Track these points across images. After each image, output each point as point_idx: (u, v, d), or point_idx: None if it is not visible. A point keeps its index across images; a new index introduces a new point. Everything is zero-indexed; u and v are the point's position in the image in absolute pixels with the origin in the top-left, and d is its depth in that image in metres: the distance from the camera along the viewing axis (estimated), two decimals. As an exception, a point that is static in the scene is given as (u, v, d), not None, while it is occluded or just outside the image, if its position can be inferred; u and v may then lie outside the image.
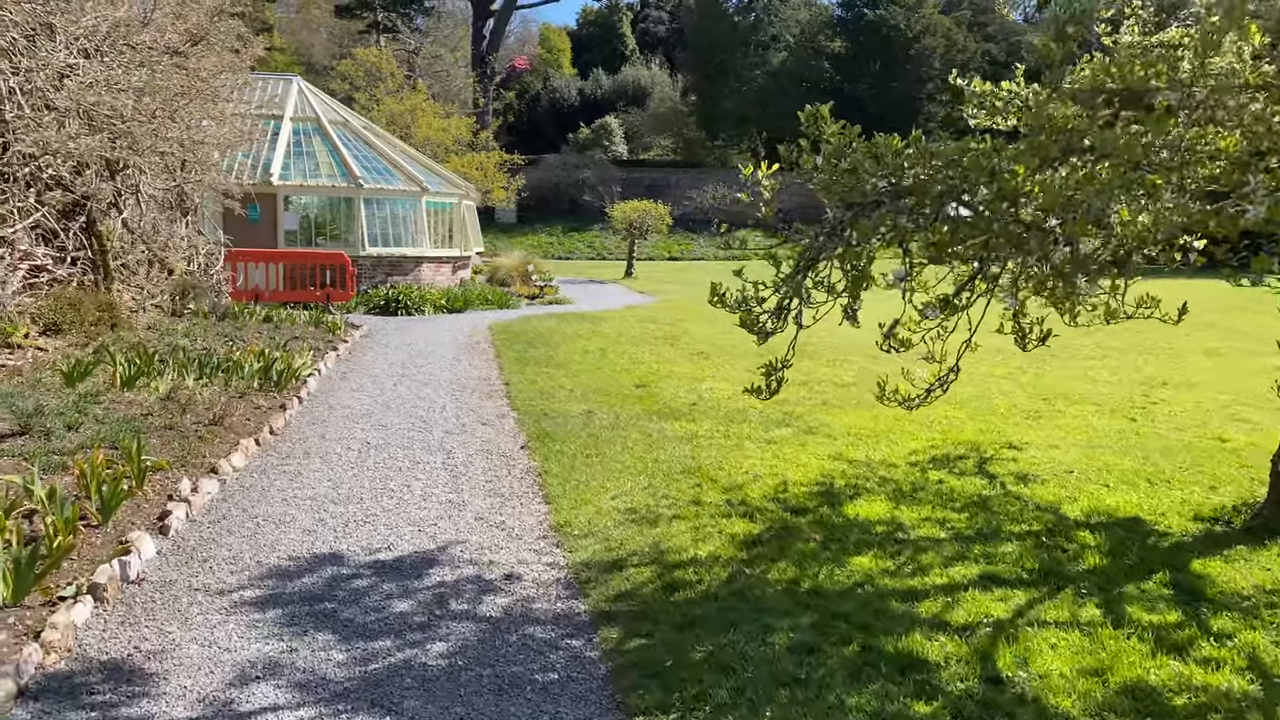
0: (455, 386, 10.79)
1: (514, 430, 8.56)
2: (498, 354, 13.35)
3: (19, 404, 7.39)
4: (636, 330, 16.32)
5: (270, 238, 18.91)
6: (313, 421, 8.84)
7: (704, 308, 21.15)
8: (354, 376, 11.30)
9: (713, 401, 9.89)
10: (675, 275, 33.03)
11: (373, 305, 18.39)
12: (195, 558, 5.27)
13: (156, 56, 13.66)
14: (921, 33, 49.75)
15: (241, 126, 17.50)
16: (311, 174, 19.17)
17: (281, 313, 15.84)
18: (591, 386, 10.73)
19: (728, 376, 11.55)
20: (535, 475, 6.98)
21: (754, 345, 13.18)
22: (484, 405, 9.74)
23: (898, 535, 5.64)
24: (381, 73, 41.08)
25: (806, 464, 7.21)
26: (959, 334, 5.32)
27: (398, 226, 19.72)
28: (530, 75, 61.77)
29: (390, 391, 10.41)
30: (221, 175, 17.54)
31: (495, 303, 19.89)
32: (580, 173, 48.66)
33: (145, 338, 12.46)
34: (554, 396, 10.09)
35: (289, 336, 13.79)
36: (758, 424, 8.73)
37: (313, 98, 21.14)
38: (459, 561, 5.28)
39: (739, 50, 50.89)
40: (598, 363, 12.60)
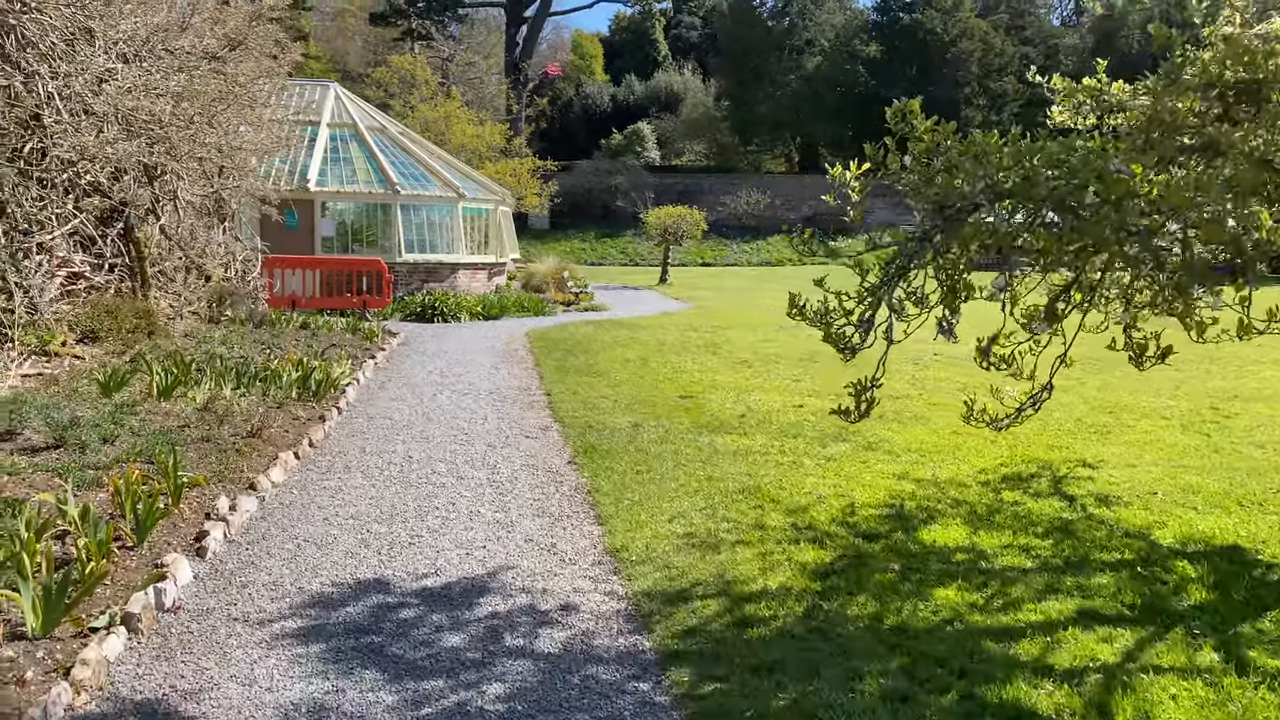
0: (496, 396, 10.48)
1: (559, 443, 8.22)
2: (537, 362, 13.04)
3: (54, 416, 7.16)
4: (676, 338, 15.95)
5: (307, 244, 18.77)
6: (352, 433, 8.55)
7: (743, 314, 20.91)
8: (393, 385, 11.02)
9: (762, 413, 9.50)
10: (710, 281, 32.65)
11: (409, 312, 18.18)
12: (234, 583, 4.96)
13: (195, 61, 13.52)
14: (958, 36, 49.03)
15: (279, 132, 17.38)
16: (348, 180, 19.01)
17: (318, 320, 15.65)
18: (635, 397, 10.38)
19: (775, 387, 11.15)
20: (585, 493, 6.63)
21: (797, 353, 12.72)
22: (526, 416, 9.42)
23: (980, 564, 5.22)
24: (416, 80, 41.12)
25: (872, 484, 6.80)
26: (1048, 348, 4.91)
27: (434, 233, 19.51)
28: (563, 81, 61.68)
29: (430, 401, 10.12)
30: (259, 181, 17.42)
31: (531, 309, 19.62)
32: (613, 179, 48.43)
33: (182, 345, 12.28)
34: (597, 408, 9.75)
35: (326, 344, 13.57)
36: (813, 439, 8.32)
37: (349, 104, 21.01)
38: (510, 589, 4.94)
39: (773, 55, 50.44)
40: (639, 372, 12.25)
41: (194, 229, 15.92)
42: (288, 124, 17.90)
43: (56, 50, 9.75)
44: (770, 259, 45.56)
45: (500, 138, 39.10)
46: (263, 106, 17.31)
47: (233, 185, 16.55)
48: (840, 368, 11.87)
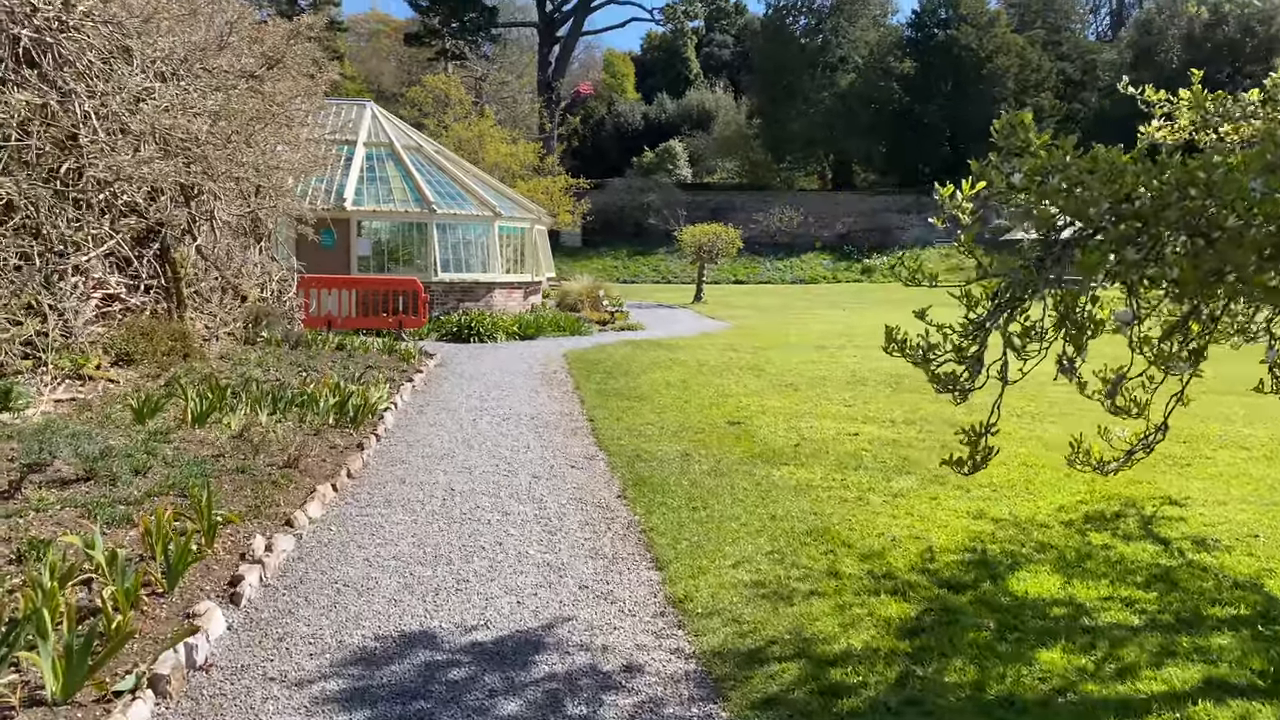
0: (537, 422, 10.09)
1: (606, 474, 7.80)
2: (576, 385, 12.65)
3: (84, 447, 6.85)
4: (717, 359, 15.51)
5: (343, 263, 18.57)
6: (392, 462, 8.19)
7: (782, 334, 20.44)
8: (431, 410, 10.67)
9: (817, 442, 9.02)
10: (745, 300, 32.19)
11: (445, 332, 17.90)
12: (269, 635, 4.58)
13: (232, 80, 13.34)
14: (994, 52, 48.41)
15: (316, 152, 17.20)
16: (385, 199, 18.81)
17: (354, 340, 15.38)
18: (681, 423, 9.95)
19: (826, 412, 10.67)
20: (639, 532, 6.20)
21: (843, 376, 12.18)
22: (570, 444, 9.01)
23: (1082, 621, 4.72)
24: (450, 99, 41.18)
25: (947, 524, 6.31)
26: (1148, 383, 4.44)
27: (469, 252, 19.25)
28: (595, 100, 61.70)
29: (470, 428, 9.75)
30: (295, 200, 17.24)
31: (567, 329, 19.28)
32: (645, 196, 48.21)
33: (218, 368, 12.02)
34: (643, 434, 9.32)
35: (363, 366, 13.27)
36: (876, 472, 7.84)
37: (386, 122, 20.86)
38: (567, 645, 4.51)
39: (806, 72, 50.09)
40: (682, 395, 11.82)
41: (230, 249, 15.75)
42: (324, 143, 17.74)
43: (94, 69, 9.53)
44: (804, 276, 45.01)
45: (533, 156, 39.02)
46: (300, 126, 17.15)
47: (269, 205, 16.38)
48: (892, 393, 11.35)
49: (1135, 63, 49.29)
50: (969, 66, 48.52)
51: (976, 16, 49.14)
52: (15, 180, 8.73)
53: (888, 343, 3.86)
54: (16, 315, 9.38)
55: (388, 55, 68.92)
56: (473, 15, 56.28)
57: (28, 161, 9.50)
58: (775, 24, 52.35)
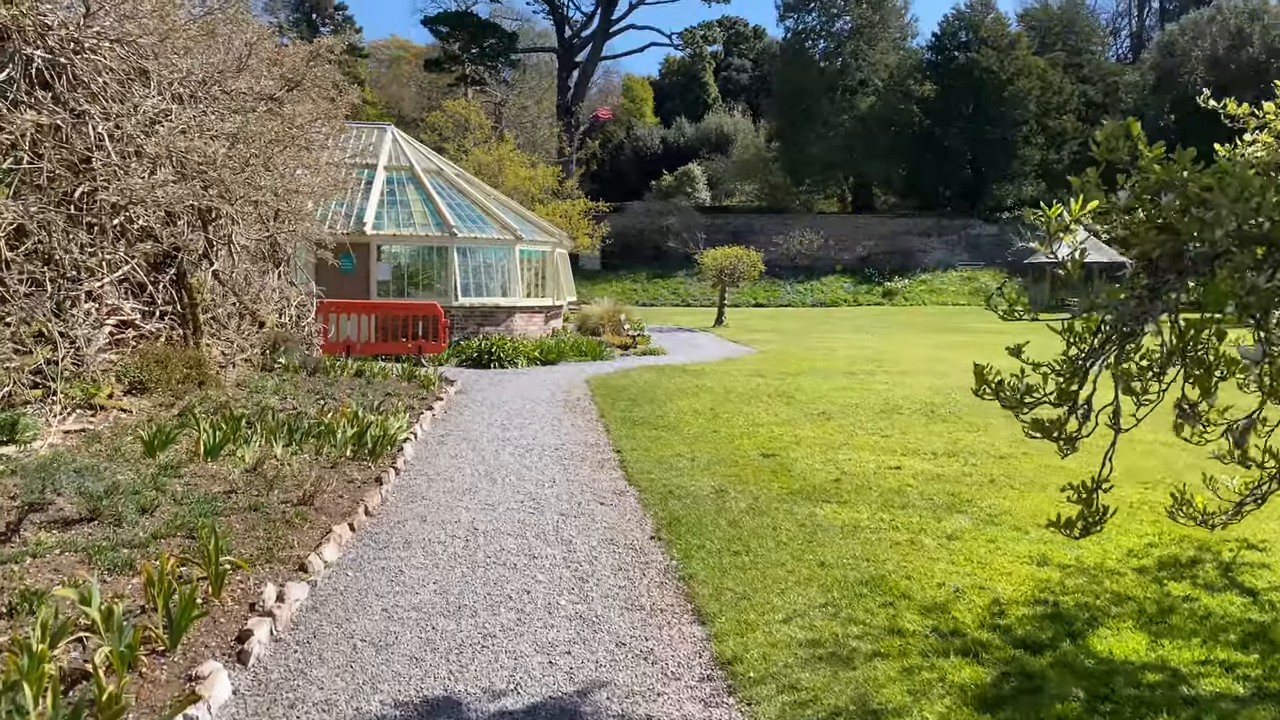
0: (562, 453, 9.65)
1: (637, 512, 7.35)
2: (601, 414, 12.22)
3: (89, 484, 6.47)
4: (744, 385, 15.05)
5: (363, 288, 18.27)
6: (411, 498, 7.77)
7: (809, 359, 19.96)
8: (452, 441, 10.26)
9: (858, 476, 8.54)
10: (767, 323, 31.72)
11: (465, 357, 17.54)
12: (279, 700, 4.15)
13: (251, 103, 13.09)
14: (1016, 75, 47.99)
15: (335, 175, 16.95)
16: (405, 223, 18.52)
17: (373, 366, 15.03)
18: (712, 455, 9.49)
19: (863, 444, 10.18)
20: (677, 579, 5.74)
21: (875, 404, 11.68)
22: (597, 478, 8.57)
23: (1181, 690, 4.22)
24: (469, 124, 41.15)
25: (1011, 571, 5.81)
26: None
27: (490, 275, 18.92)
28: (613, 124, 61.70)
29: (492, 459, 9.32)
30: (315, 225, 16.99)
31: (589, 354, 18.88)
32: (664, 219, 47.95)
33: (234, 396, 11.68)
34: (673, 467, 8.87)
35: (382, 393, 12.90)
36: (924, 510, 7.35)
37: (406, 146, 20.63)
38: (606, 715, 4.05)
39: (825, 95, 49.82)
40: (711, 424, 11.36)
41: (248, 274, 15.47)
42: (344, 167, 17.49)
43: (109, 90, 9.25)
44: (825, 299, 44.53)
45: (552, 180, 38.90)
46: (320, 149, 16.92)
47: (288, 229, 16.13)
48: (928, 422, 10.83)
49: (1158, 85, 48.79)
50: (990, 89, 48.12)
51: (997, 39, 48.79)
52: (25, 204, 8.43)
53: (978, 385, 3.42)
54: (25, 343, 9.05)
55: (408, 81, 69.28)
56: (492, 41, 56.53)
57: (40, 185, 9.21)
58: (794, 47, 52.19)
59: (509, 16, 60.84)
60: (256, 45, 12.43)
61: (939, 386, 14.98)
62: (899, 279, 46.28)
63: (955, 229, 49.78)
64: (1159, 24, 67.62)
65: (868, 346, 22.31)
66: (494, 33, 56.11)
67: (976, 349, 21.66)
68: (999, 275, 47.21)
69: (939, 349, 21.80)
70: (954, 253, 49.19)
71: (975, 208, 50.68)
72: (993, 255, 48.81)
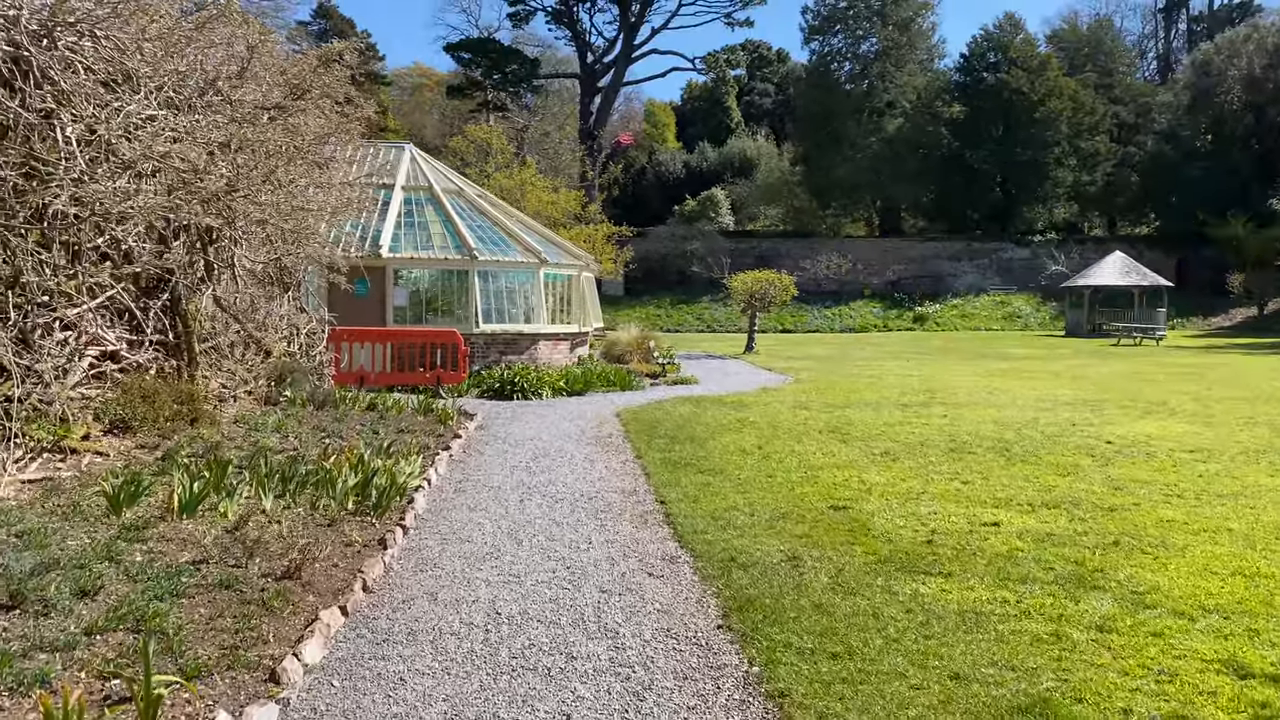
0: (597, 505, 8.25)
1: (696, 588, 5.92)
2: (637, 453, 10.81)
3: (13, 561, 5.12)
4: (790, 419, 13.61)
5: (378, 314, 17.01)
6: (420, 565, 6.38)
7: (853, 389, 18.43)
8: (471, 488, 8.87)
9: (952, 536, 7.08)
10: (798, 349, 30.25)
11: (486, 388, 16.20)
12: None
13: (252, 112, 11.86)
14: (1047, 95, 46.56)
15: (349, 194, 15.72)
16: (423, 245, 17.28)
17: (388, 399, 13.71)
18: (772, 506, 8.06)
19: (943, 491, 8.71)
20: (764, 699, 4.30)
21: (940, 440, 10.16)
22: (641, 538, 7.15)
23: None
24: (491, 149, 40.18)
25: (1210, 686, 4.33)
26: None
27: (513, 301, 17.62)
28: (636, 149, 60.74)
29: (516, 512, 7.92)
30: (327, 247, 15.77)
31: (618, 384, 17.49)
32: (688, 244, 46.68)
33: (230, 435, 10.37)
34: (730, 523, 7.44)
35: (395, 430, 11.58)
36: (1051, 586, 5.87)
37: (425, 165, 19.44)
38: None
39: (851, 118, 48.55)
40: (762, 466, 9.93)
41: (254, 299, 14.25)
42: (359, 186, 16.27)
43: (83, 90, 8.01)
44: (854, 325, 42.99)
45: (575, 204, 37.78)
46: (332, 166, 15.73)
47: (298, 251, 14.91)
48: (1006, 463, 9.29)
49: (1193, 105, 47.22)
50: (1020, 110, 46.69)
51: (1027, 60, 47.41)
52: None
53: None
54: (-22, 379, 7.78)
55: (430, 108, 68.79)
56: (514, 67, 55.78)
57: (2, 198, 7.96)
58: (819, 70, 51.01)
59: (531, 43, 60.18)
60: (260, 48, 11.22)
61: (1004, 420, 13.48)
62: (930, 304, 44.72)
63: (986, 252, 48.20)
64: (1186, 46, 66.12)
65: (913, 375, 20.80)
66: (516, 59, 55.35)
67: (1027, 378, 20.13)
68: (1032, 299, 45.57)
69: (988, 377, 20.26)
70: (985, 276, 47.58)
71: (1006, 230, 49.11)
72: (1025, 279, 47.19)
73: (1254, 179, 45.26)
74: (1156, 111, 49.97)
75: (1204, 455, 10.83)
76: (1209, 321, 42.81)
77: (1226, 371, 21.41)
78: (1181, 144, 46.14)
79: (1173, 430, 12.60)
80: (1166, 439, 11.91)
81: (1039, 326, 42.91)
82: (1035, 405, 15.20)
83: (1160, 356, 26.69)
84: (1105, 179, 48.35)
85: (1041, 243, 47.93)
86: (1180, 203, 45.47)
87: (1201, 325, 42.39)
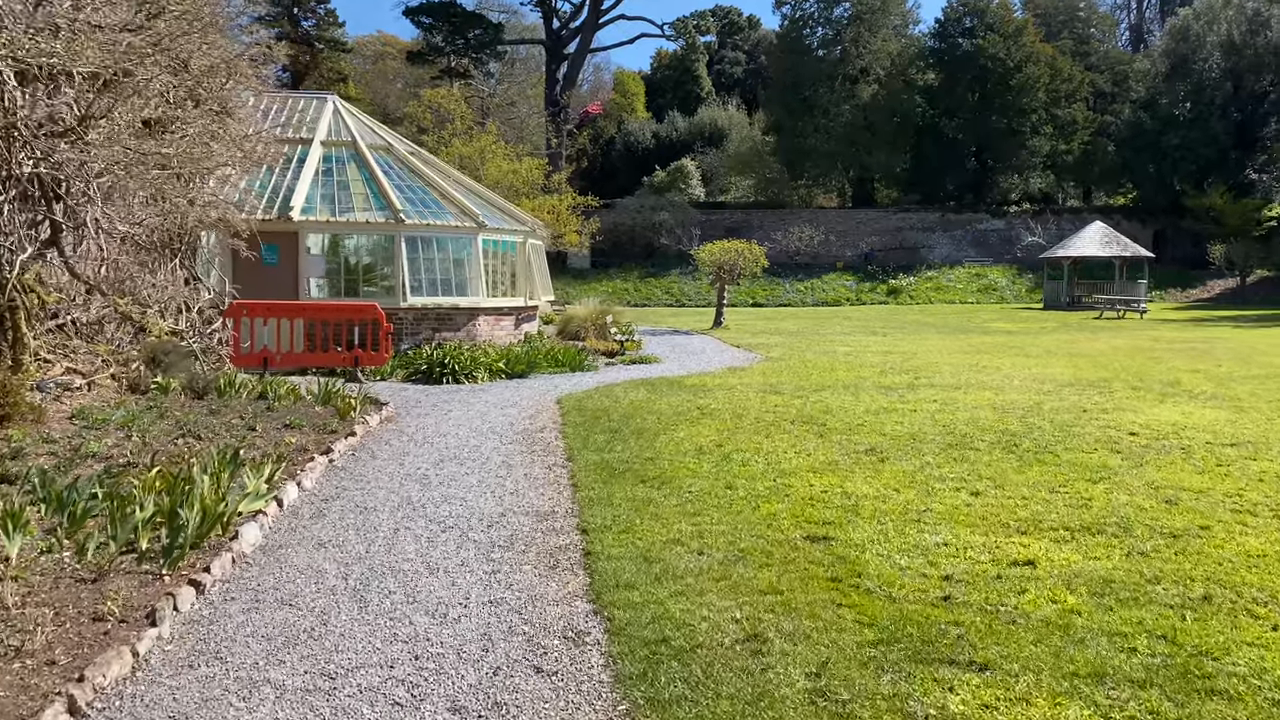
0: (497, 535, 6.05)
1: (603, 699, 3.75)
2: (569, 454, 8.62)
3: None
4: (757, 406, 11.45)
5: (291, 286, 14.64)
6: (193, 657, 4.15)
7: (828, 369, 16.13)
8: (335, 511, 6.62)
9: (977, 588, 4.95)
10: (769, 325, 28.09)
11: (414, 370, 13.92)
12: None
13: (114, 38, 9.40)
14: (1023, 61, 44.37)
15: (247, 147, 13.25)
16: (343, 208, 14.88)
17: (283, 385, 11.37)
18: (730, 537, 5.90)
19: (950, 508, 6.57)
20: None
21: (933, 432, 7.56)
22: (543, 594, 4.96)
23: None
24: (450, 114, 37.49)
25: None
26: None
27: (447, 271, 15.28)
28: (604, 120, 58.02)
29: (381, 551, 5.70)
30: (227, 208, 13.37)
31: (567, 364, 15.26)
32: (656, 215, 44.22)
33: (56, 434, 8.06)
34: (669, 570, 5.28)
35: (279, 425, 9.33)
36: (1146, 692, 3.74)
37: (349, 118, 16.96)
38: None
39: (824, 85, 46.13)
40: (721, 472, 7.78)
41: (128, 268, 11.87)
42: (266, 139, 13.83)
43: None
44: (827, 298, 40.91)
45: (539, 173, 35.22)
46: (237, 115, 13.28)
47: (189, 212, 12.51)
48: (1019, 464, 6.58)
49: (1171, 72, 45.24)
50: (996, 77, 44.46)
51: (1003, 25, 45.15)
52: None
53: None
54: None
55: (394, 77, 65.60)
56: (478, 32, 52.82)
57: None
58: (791, 35, 48.42)
59: (495, 8, 57.14)
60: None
61: (1004, 406, 11.40)
62: (904, 276, 42.66)
63: (961, 223, 46.14)
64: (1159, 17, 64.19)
65: (892, 352, 18.69)
66: (479, 24, 52.39)
67: (1016, 354, 18.10)
68: (1008, 271, 43.69)
69: (974, 354, 18.20)
70: (960, 248, 45.56)
71: (981, 201, 47.05)
72: (1001, 251, 45.25)
73: (1233, 148, 43.49)
74: (1134, 80, 47.95)
75: (1251, 450, 8.80)
76: (1187, 294, 41.10)
77: (1229, 346, 19.49)
78: (1159, 112, 44.17)
79: (1202, 418, 10.57)
80: (1199, 429, 9.87)
81: (1015, 299, 41.02)
82: (1034, 387, 13.14)
83: (1150, 330, 24.80)
84: (1082, 148, 46.35)
85: (1017, 213, 45.97)
86: (1158, 172, 43.61)
87: (1180, 297, 40.69)
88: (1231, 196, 41.49)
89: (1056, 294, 35.57)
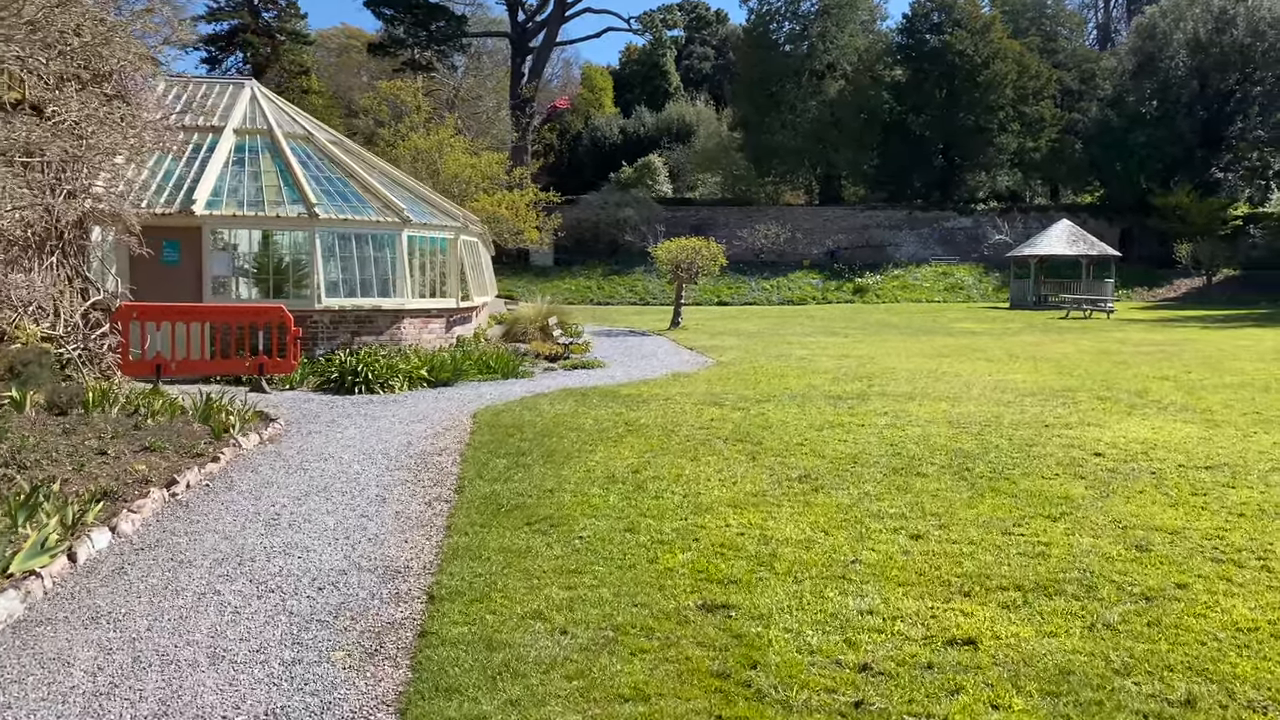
0: (322, 603, 4.85)
1: None
2: (460, 485, 7.43)
3: None
4: (692, 420, 10.32)
5: (195, 288, 13.30)
6: None
7: (779, 375, 14.91)
8: (140, 566, 5.39)
9: (898, 679, 3.85)
10: (729, 324, 26.99)
11: (326, 378, 12.65)
12: None
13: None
14: (991, 58, 43.56)
15: (145, 133, 11.92)
16: (252, 201, 13.56)
17: (158, 401, 10.06)
18: (607, 607, 4.75)
19: (884, 557, 5.46)
20: None
21: (883, 451, 6.39)
22: (338, 705, 3.79)
23: None
24: (407, 106, 36.03)
25: None
26: None
27: (369, 270, 14.01)
28: (571, 115, 56.69)
29: (161, 633, 4.49)
30: (119, 201, 12.03)
31: (499, 370, 14.05)
32: (620, 211, 42.99)
33: None
34: (515, 661, 4.12)
35: (137, 446, 8.07)
36: None
37: (267, 105, 15.61)
38: None
39: (791, 80, 45.10)
40: (628, 508, 6.63)
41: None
42: (164, 126, 12.47)
43: None
44: (792, 297, 39.88)
45: (498, 168, 33.79)
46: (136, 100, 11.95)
47: (62, 204, 11.21)
48: (971, 494, 5.86)
49: (1138, 70, 44.59)
50: (964, 73, 43.62)
51: (970, 21, 44.30)
52: None
53: None
54: None
55: (358, 70, 63.83)
56: (441, 24, 51.23)
57: None
58: (758, 30, 47.32)
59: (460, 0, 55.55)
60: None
61: (959, 419, 10.35)
62: (870, 275, 41.72)
63: (928, 221, 45.26)
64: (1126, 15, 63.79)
65: (849, 355, 17.62)
66: (442, 15, 50.80)
67: (978, 358, 17.10)
68: (975, 270, 42.89)
69: (934, 358, 17.18)
70: (927, 246, 44.69)
71: (949, 199, 46.24)
72: (968, 249, 44.45)
73: (1199, 146, 42.93)
74: (1101, 78, 47.27)
75: (1228, 475, 7.78)
76: (1154, 293, 40.46)
77: (1198, 350, 18.59)
78: (1126, 110, 43.50)
79: (1173, 434, 9.55)
80: (1170, 448, 8.85)
81: (982, 298, 40.19)
82: (994, 396, 12.10)
83: (1116, 331, 23.94)
84: (1050, 146, 45.62)
85: (985, 211, 45.20)
86: (1125, 171, 42.94)
87: (1146, 297, 40.04)
88: (1197, 195, 40.93)
89: (1023, 293, 34.77)
